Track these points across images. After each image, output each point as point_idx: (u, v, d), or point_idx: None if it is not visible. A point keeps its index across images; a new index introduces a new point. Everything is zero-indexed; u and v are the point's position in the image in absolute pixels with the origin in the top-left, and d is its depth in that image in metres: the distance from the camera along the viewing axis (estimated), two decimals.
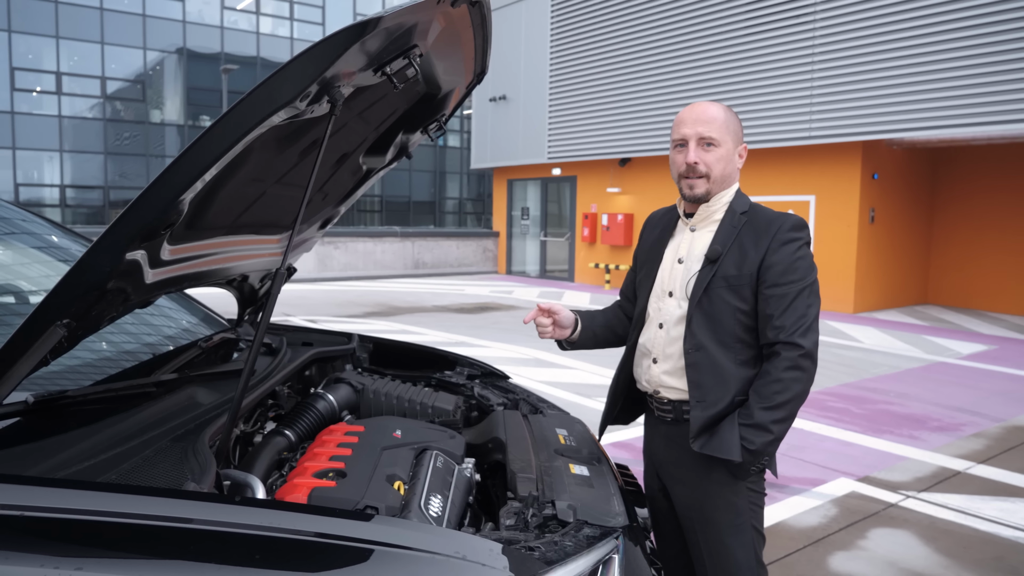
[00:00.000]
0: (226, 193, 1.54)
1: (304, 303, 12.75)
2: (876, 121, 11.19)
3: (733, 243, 1.91)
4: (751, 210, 1.96)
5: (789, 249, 1.88)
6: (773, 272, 1.86)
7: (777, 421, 1.81)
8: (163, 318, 2.59)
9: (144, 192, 1.16)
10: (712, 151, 1.93)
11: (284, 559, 1.07)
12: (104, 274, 1.22)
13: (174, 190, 1.19)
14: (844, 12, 11.48)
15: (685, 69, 13.87)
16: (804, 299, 1.86)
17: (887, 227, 12.60)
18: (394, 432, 2.00)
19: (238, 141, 1.21)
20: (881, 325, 11.10)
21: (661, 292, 2.04)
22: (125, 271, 1.29)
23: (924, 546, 3.61)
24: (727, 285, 1.90)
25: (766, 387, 1.83)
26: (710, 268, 1.92)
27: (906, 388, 7.07)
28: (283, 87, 1.20)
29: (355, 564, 1.11)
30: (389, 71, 1.43)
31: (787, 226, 1.89)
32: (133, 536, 1.09)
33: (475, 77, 2.28)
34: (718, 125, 1.92)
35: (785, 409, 1.82)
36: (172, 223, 1.29)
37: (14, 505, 1.10)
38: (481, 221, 35.40)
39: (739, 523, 1.95)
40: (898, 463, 4.86)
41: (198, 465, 1.37)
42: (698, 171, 1.94)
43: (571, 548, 1.40)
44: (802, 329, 1.83)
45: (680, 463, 2.01)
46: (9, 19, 24.64)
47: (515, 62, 18.10)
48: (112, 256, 1.21)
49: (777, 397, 1.81)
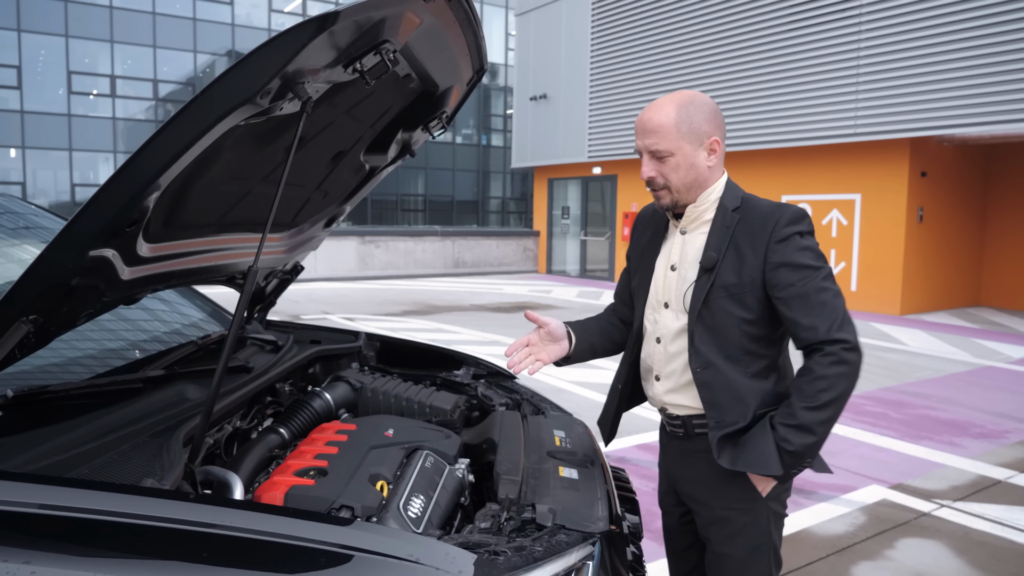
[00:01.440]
0: (202, 191, 1.54)
1: (344, 301, 12.90)
2: (925, 117, 10.84)
3: (729, 247, 1.75)
4: (744, 205, 1.78)
5: (792, 245, 1.71)
6: (782, 274, 1.70)
7: (822, 422, 1.65)
8: (174, 314, 2.62)
9: (100, 190, 1.17)
10: (667, 161, 1.75)
11: (218, 556, 1.06)
12: (67, 272, 1.23)
13: (133, 188, 1.19)
14: (892, 2, 11.15)
15: (726, 65, 13.64)
16: (826, 292, 1.68)
17: (936, 226, 12.20)
18: (386, 431, 1.99)
19: (196, 139, 1.21)
20: (928, 327, 10.76)
21: (656, 303, 1.90)
22: (91, 268, 1.29)
23: (955, 558, 3.47)
24: (728, 294, 1.74)
25: (810, 385, 1.66)
26: (707, 277, 1.76)
27: (950, 393, 6.83)
28: (240, 84, 1.19)
29: (294, 563, 1.10)
30: (360, 67, 1.41)
31: (784, 220, 1.72)
32: (83, 532, 1.10)
33: (475, 74, 2.26)
34: (665, 133, 1.73)
35: (831, 408, 1.65)
36: (136, 221, 1.29)
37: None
38: (523, 221, 35.39)
39: (759, 544, 1.84)
40: (935, 470, 4.69)
41: (168, 462, 1.37)
42: (656, 184, 1.79)
43: (540, 553, 1.36)
44: (838, 322, 1.66)
45: (695, 480, 1.90)
46: (67, 25, 25.49)
47: (555, 60, 18.03)
48: (74, 254, 1.21)
49: (823, 396, 1.64)
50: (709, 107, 1.77)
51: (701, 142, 1.76)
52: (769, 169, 13.48)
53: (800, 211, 1.75)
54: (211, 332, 2.46)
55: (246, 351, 2.33)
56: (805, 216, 1.75)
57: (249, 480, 1.77)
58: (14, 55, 25.20)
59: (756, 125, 13.16)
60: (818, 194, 12.76)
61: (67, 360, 1.89)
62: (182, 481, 1.43)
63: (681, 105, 1.75)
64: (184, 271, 1.77)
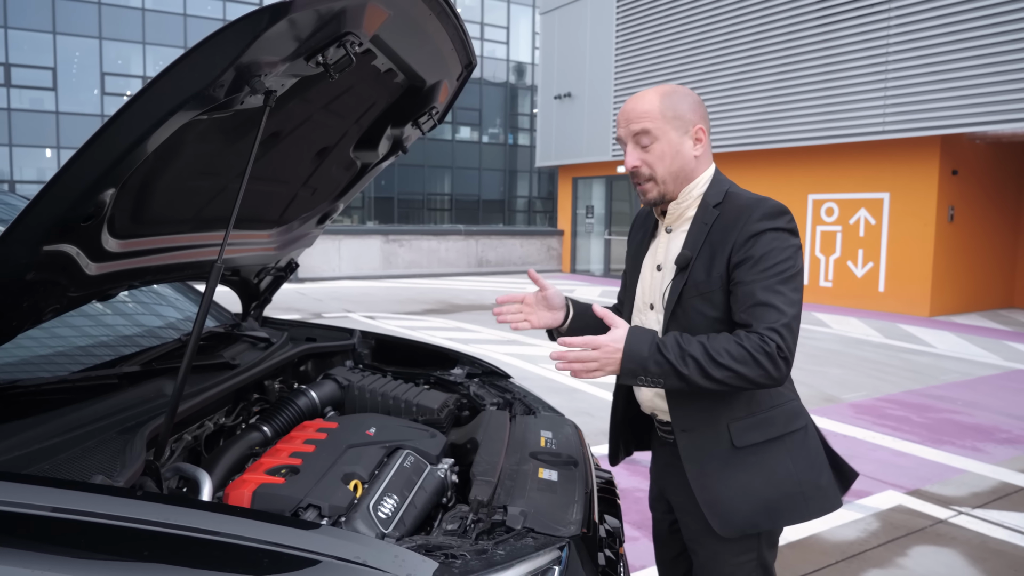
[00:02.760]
0: (171, 187, 1.53)
1: (366, 299, 12.97)
2: (957, 113, 10.59)
3: (704, 244, 1.67)
4: (725, 200, 1.69)
5: (760, 241, 1.59)
6: (741, 270, 1.59)
7: (700, 368, 1.51)
8: (170, 308, 2.63)
9: (47, 185, 1.15)
10: (652, 148, 1.68)
11: (159, 554, 1.05)
12: (20, 267, 1.22)
13: (82, 183, 1.18)
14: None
15: (753, 62, 13.46)
16: (777, 296, 1.55)
17: (968, 226, 11.92)
18: (368, 430, 1.97)
19: (149, 134, 1.19)
20: (958, 329, 10.51)
21: (643, 305, 1.84)
22: (47, 264, 1.29)
23: (970, 566, 3.36)
24: (698, 293, 1.67)
25: (726, 341, 1.53)
26: (681, 276, 1.69)
27: (976, 396, 6.65)
28: (191, 76, 1.17)
29: (223, 561, 1.08)
30: (324, 60, 1.39)
31: (756, 215, 1.61)
32: (15, 526, 1.09)
33: (464, 69, 2.23)
34: (651, 117, 1.66)
35: (719, 371, 1.51)
36: (92, 216, 1.28)
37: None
38: (550, 220, 35.34)
39: (745, 561, 1.76)
40: (955, 476, 4.56)
41: (128, 459, 1.36)
42: (641, 174, 1.71)
43: (501, 557, 1.33)
44: (780, 325, 1.52)
45: (684, 487, 1.81)
46: (100, 27, 25.98)
47: (580, 59, 17.96)
48: (26, 249, 1.20)
49: (725, 357, 1.51)
50: (692, 97, 1.72)
51: (686, 130, 1.70)
52: (796, 168, 13.28)
53: (778, 207, 1.64)
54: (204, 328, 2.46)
55: (235, 348, 2.33)
56: (782, 213, 1.64)
57: (223, 478, 1.76)
58: (49, 57, 25.76)
59: (783, 123, 12.97)
60: (846, 193, 12.54)
61: (54, 353, 1.90)
62: (145, 479, 1.42)
63: (664, 94, 1.70)
64: (160, 267, 1.76)
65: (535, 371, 7.07)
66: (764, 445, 1.70)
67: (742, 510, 1.68)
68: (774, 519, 1.70)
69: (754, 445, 1.70)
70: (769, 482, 1.69)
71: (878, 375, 7.44)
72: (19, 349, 1.72)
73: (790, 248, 1.62)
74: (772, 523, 1.71)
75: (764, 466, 1.69)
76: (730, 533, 1.70)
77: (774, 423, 1.72)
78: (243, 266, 2.32)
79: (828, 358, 8.19)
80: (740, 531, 1.70)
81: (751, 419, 1.70)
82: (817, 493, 1.73)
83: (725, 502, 1.69)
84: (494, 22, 33.76)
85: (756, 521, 1.69)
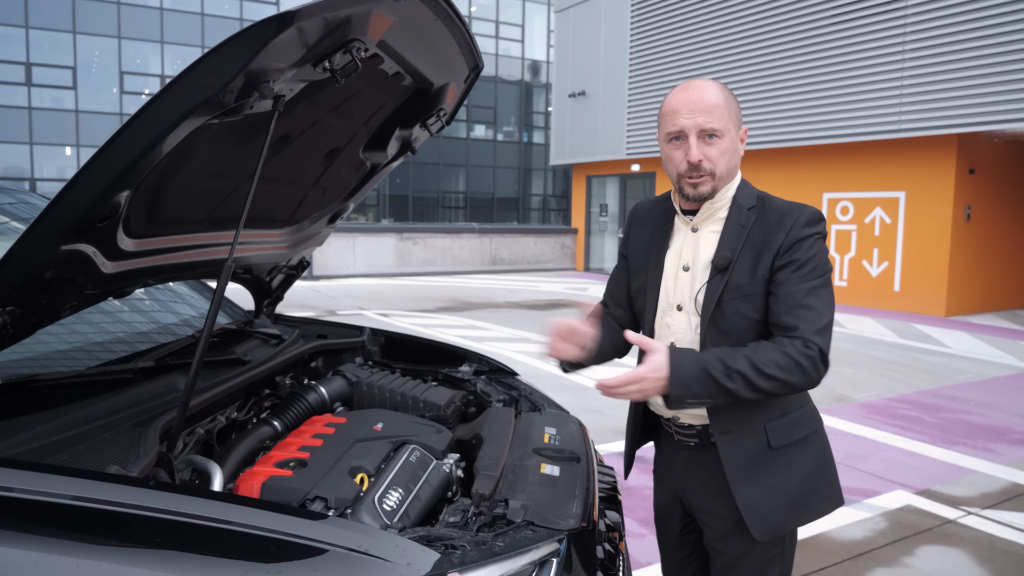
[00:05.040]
0: (184, 188, 1.58)
1: (380, 297, 13.05)
2: (974, 111, 10.50)
3: (744, 246, 1.66)
4: (760, 204, 1.70)
5: (804, 246, 1.63)
6: (784, 272, 1.62)
7: (748, 382, 1.52)
8: (185, 306, 2.70)
9: (65, 187, 1.21)
10: (716, 144, 1.64)
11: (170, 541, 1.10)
12: (39, 265, 1.28)
13: (98, 186, 1.23)
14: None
15: (768, 60, 13.41)
16: (817, 298, 1.60)
17: (985, 225, 11.83)
18: (375, 425, 2.02)
19: (162, 138, 1.24)
20: (974, 329, 10.43)
21: (667, 306, 1.78)
22: (65, 263, 1.34)
23: (978, 567, 3.37)
24: (741, 295, 1.65)
25: (770, 351, 1.55)
26: (721, 278, 1.67)
27: (990, 397, 6.62)
28: (202, 82, 1.22)
29: (232, 547, 1.13)
30: (331, 66, 1.43)
31: (803, 220, 1.64)
32: (34, 512, 1.14)
33: (471, 71, 2.27)
34: (720, 112, 1.63)
35: (767, 383, 1.53)
36: (108, 217, 1.33)
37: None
38: (564, 218, 35.33)
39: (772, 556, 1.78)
40: (965, 477, 4.55)
41: (142, 450, 1.42)
42: (703, 169, 1.65)
43: (500, 548, 1.37)
44: (820, 328, 1.57)
45: (710, 491, 1.80)
46: (119, 26, 26.25)
47: (594, 57, 17.95)
48: (44, 248, 1.26)
49: (772, 367, 1.52)
50: None
51: (739, 128, 1.70)
52: (810, 166, 13.22)
53: (819, 213, 1.68)
54: (221, 323, 2.52)
55: (247, 344, 2.39)
56: (822, 219, 1.68)
57: (234, 470, 1.81)
58: (69, 56, 26.06)
59: (798, 121, 12.92)
60: (861, 192, 12.47)
61: (72, 348, 1.96)
62: (158, 470, 1.47)
63: (723, 88, 1.67)
64: (173, 265, 1.81)
65: (546, 369, 7.10)
66: (794, 445, 1.73)
67: (775, 511, 1.70)
68: (798, 517, 1.73)
69: (786, 445, 1.72)
70: (795, 480, 1.72)
71: (891, 375, 7.41)
72: (39, 344, 1.78)
73: (824, 253, 1.67)
74: (796, 522, 1.74)
75: (792, 465, 1.72)
76: (765, 536, 1.71)
77: (802, 422, 1.75)
78: (255, 264, 2.37)
79: (841, 357, 8.16)
80: (772, 533, 1.72)
81: (784, 419, 1.72)
82: (830, 490, 1.77)
83: (763, 504, 1.69)
84: (509, 20, 33.77)
85: (783, 521, 1.72)
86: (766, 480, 1.70)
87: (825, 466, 1.78)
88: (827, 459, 1.79)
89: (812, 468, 1.74)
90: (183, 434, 1.82)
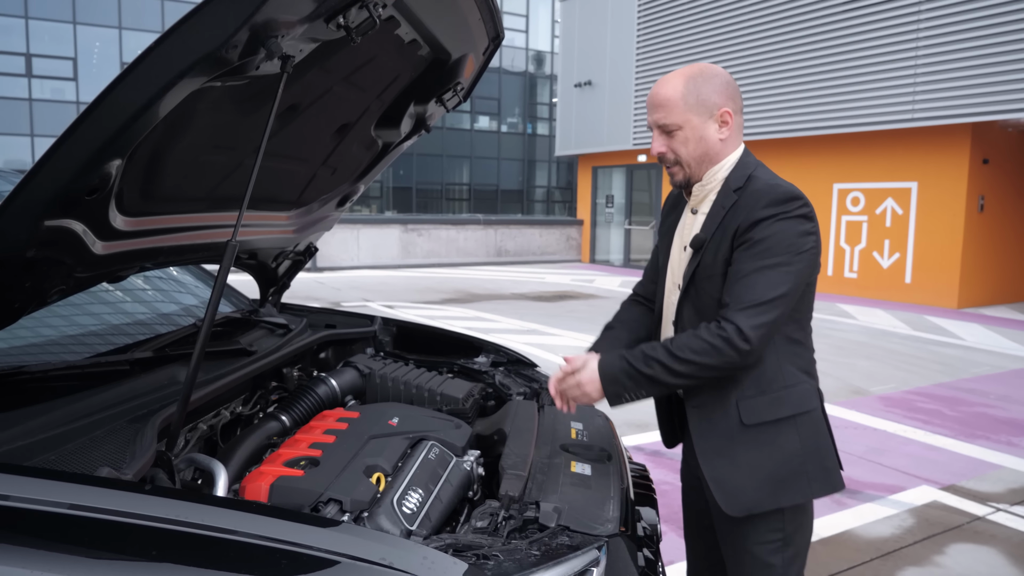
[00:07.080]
0: (182, 161, 1.44)
1: (385, 288, 12.92)
2: (988, 100, 10.31)
3: (719, 227, 1.68)
4: (746, 184, 1.68)
5: (762, 226, 1.61)
6: (737, 252, 1.63)
7: (668, 369, 1.60)
8: (188, 295, 2.56)
9: (46, 154, 1.06)
10: (675, 136, 1.71)
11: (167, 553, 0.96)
12: (20, 243, 1.14)
13: (85, 152, 1.08)
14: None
15: (778, 49, 13.21)
16: (760, 275, 1.58)
17: (999, 216, 11.65)
18: (390, 420, 1.88)
19: (157, 99, 1.09)
20: (987, 321, 10.28)
21: (672, 285, 1.85)
22: (50, 241, 1.20)
23: (1011, 565, 3.23)
24: (706, 276, 1.70)
25: (686, 336, 1.62)
26: (695, 258, 1.72)
27: (1009, 390, 6.47)
28: (201, 35, 1.07)
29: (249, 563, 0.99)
30: (345, 22, 1.29)
31: (764, 201, 1.62)
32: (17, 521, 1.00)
33: (491, 42, 2.12)
34: (672, 106, 1.68)
35: (685, 366, 1.59)
36: (97, 189, 1.19)
37: None
38: (569, 210, 35.16)
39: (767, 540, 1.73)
40: (990, 472, 4.41)
41: (137, 449, 1.28)
42: (668, 160, 1.75)
43: (536, 558, 1.23)
44: (749, 306, 1.56)
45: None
46: (120, 16, 26.08)
47: (600, 47, 17.74)
48: (25, 223, 1.11)
49: (686, 351, 1.59)
50: (720, 78, 1.70)
51: (711, 114, 1.69)
52: (822, 156, 13.04)
53: (787, 193, 1.63)
54: (225, 312, 2.38)
55: (253, 334, 2.25)
56: (793, 198, 1.63)
57: (240, 469, 1.68)
58: (70, 47, 25.88)
59: (809, 111, 12.73)
60: (872, 182, 12.30)
61: (62, 337, 1.82)
62: (156, 471, 1.34)
63: (690, 77, 1.69)
64: (172, 248, 1.67)
65: (557, 361, 6.97)
66: (774, 424, 1.69)
67: (748, 488, 1.68)
68: (777, 497, 1.68)
69: (764, 424, 1.68)
70: (774, 459, 1.68)
71: (907, 367, 7.27)
72: (24, 332, 1.64)
73: (794, 234, 1.61)
74: (775, 502, 1.69)
75: (772, 444, 1.68)
76: (737, 512, 1.69)
77: (784, 403, 1.70)
78: (260, 249, 2.23)
79: (855, 350, 8.02)
80: (746, 510, 1.68)
81: (761, 398, 1.69)
82: (821, 474, 1.72)
83: (731, 480, 1.69)
84: (513, 10, 33.49)
85: (760, 499, 1.68)
86: (737, 456, 1.69)
87: (816, 449, 1.72)
88: (820, 442, 1.73)
89: (797, 449, 1.69)
90: (184, 430, 1.68)
